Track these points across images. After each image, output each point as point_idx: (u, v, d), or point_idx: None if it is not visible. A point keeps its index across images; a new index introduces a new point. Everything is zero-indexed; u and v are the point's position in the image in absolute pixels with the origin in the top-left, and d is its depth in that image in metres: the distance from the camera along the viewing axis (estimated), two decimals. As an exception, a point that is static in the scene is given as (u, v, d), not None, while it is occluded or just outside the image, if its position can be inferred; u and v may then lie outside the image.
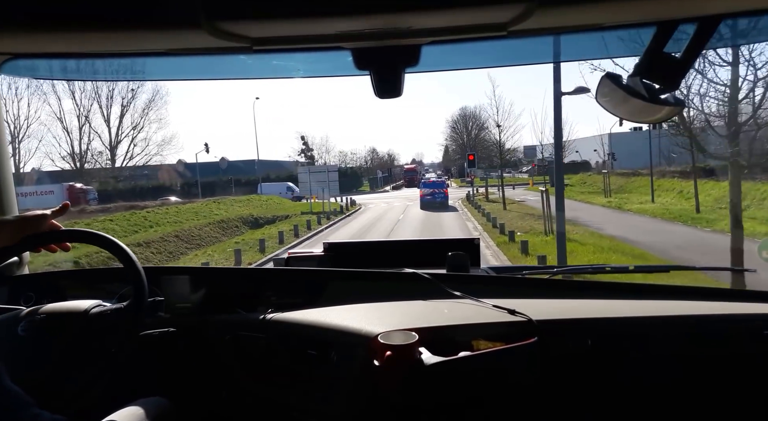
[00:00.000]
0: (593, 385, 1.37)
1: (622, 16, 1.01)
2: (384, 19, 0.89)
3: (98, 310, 1.39)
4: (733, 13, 1.00)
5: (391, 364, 1.21)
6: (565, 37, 1.12)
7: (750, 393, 1.37)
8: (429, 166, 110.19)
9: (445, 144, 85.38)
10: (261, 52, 1.08)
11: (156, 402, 1.41)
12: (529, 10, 0.86)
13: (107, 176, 35.84)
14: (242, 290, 1.77)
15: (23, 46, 1.18)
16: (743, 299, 1.54)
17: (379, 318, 1.42)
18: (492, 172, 42.14)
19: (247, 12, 0.85)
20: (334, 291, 1.72)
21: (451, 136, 79.13)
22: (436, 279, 1.62)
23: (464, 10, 0.87)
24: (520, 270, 1.97)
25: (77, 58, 1.26)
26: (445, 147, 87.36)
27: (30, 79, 25.18)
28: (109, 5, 0.89)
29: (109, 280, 1.84)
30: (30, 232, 1.30)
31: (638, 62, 1.00)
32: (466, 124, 73.37)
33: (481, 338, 1.31)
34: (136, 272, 1.37)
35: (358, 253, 2.15)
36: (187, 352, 1.63)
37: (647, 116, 1.07)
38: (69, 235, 1.37)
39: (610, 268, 1.96)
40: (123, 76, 1.53)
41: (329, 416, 1.42)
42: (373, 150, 79.96)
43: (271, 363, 1.54)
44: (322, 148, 62.00)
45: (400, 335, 1.26)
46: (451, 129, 79.09)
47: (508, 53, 1.26)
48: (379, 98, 1.13)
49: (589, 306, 1.52)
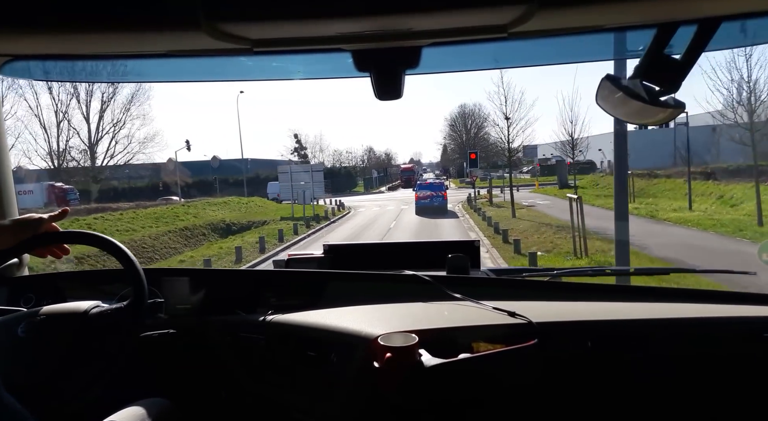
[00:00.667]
0: (593, 387, 1.37)
1: (622, 18, 1.01)
2: (384, 20, 0.89)
3: (98, 311, 1.39)
4: (733, 15, 1.00)
5: (391, 365, 1.21)
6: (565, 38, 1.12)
7: (750, 395, 1.37)
8: (427, 165, 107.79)
9: (444, 143, 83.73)
10: (261, 54, 1.08)
11: (157, 403, 1.41)
12: (530, 12, 0.86)
13: (87, 175, 34.22)
14: (242, 292, 1.76)
15: (23, 48, 1.18)
16: (743, 302, 1.54)
17: (379, 320, 1.42)
18: (493, 172, 40.64)
19: (248, 14, 0.85)
20: (334, 293, 1.72)
21: (450, 134, 77.19)
22: (436, 281, 1.62)
23: (464, 12, 0.87)
24: (520, 272, 1.97)
25: (77, 59, 1.26)
26: (443, 146, 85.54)
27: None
28: (109, 6, 0.89)
29: (109, 281, 1.84)
30: (28, 234, 1.30)
31: (638, 64, 1.00)
32: (465, 123, 71.84)
33: (481, 340, 1.31)
34: (136, 273, 1.37)
35: (358, 254, 2.15)
36: (187, 353, 1.63)
37: (646, 119, 1.06)
38: (68, 236, 1.37)
39: (611, 270, 1.97)
40: (123, 78, 1.53)
41: (329, 417, 1.42)
42: (370, 149, 78.27)
43: (271, 364, 1.54)
44: (315, 147, 60.43)
45: (400, 336, 1.26)
46: (449, 127, 77.25)
47: (509, 55, 1.26)
48: (379, 100, 1.13)
49: (588, 308, 1.52)
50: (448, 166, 78.99)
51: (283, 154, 59.26)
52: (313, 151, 59.51)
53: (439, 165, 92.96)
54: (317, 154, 60.58)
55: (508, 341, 1.30)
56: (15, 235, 1.29)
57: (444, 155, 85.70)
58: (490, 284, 1.77)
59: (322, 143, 71.04)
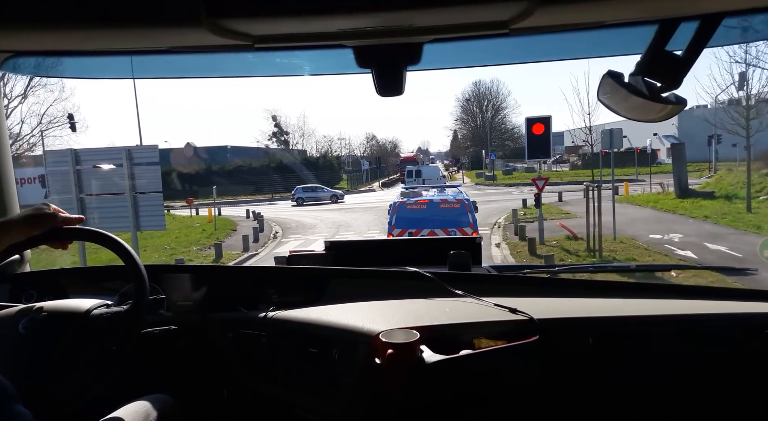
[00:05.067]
0: (594, 383, 1.37)
1: (623, 14, 1.01)
2: (386, 17, 0.89)
3: (100, 312, 1.40)
4: (734, 11, 1.00)
5: (393, 362, 1.21)
6: (566, 34, 1.12)
7: (751, 391, 1.37)
8: (435, 155, 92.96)
9: (454, 129, 72.90)
10: (263, 50, 1.08)
11: (160, 399, 1.41)
12: (531, 8, 0.86)
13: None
14: (243, 288, 1.77)
15: (24, 44, 1.18)
16: (744, 298, 1.54)
17: (381, 316, 1.42)
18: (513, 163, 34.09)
19: (249, 10, 0.85)
20: (336, 289, 1.72)
21: (462, 118, 66.86)
22: (437, 278, 1.62)
23: (466, 8, 0.87)
24: (521, 269, 1.97)
25: (79, 55, 1.26)
26: (453, 132, 74.09)
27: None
28: (110, 3, 0.89)
29: (110, 278, 1.85)
30: (41, 230, 1.31)
31: (640, 60, 1.00)
32: (480, 103, 62.02)
33: (483, 337, 1.31)
34: (138, 270, 1.37)
35: (360, 251, 2.15)
36: (189, 350, 1.64)
37: (648, 115, 1.06)
38: (72, 233, 1.38)
39: (612, 267, 1.97)
40: (124, 75, 1.53)
41: (330, 413, 1.43)
42: (373, 137, 68.25)
43: (272, 361, 1.54)
44: (299, 132, 51.40)
45: (401, 333, 1.26)
46: (461, 109, 66.38)
47: (510, 51, 1.26)
48: (381, 96, 1.13)
49: (590, 305, 1.52)
50: (458, 156, 67.36)
51: (259, 140, 51.02)
52: (295, 137, 50.99)
53: (449, 154, 79.84)
54: (302, 140, 50.92)
55: (510, 337, 1.30)
56: (27, 230, 1.30)
57: (454, 143, 75.01)
58: (492, 280, 1.77)
59: (307, 127, 60.02)
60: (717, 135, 25.03)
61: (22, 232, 1.29)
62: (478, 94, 63.49)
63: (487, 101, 62.59)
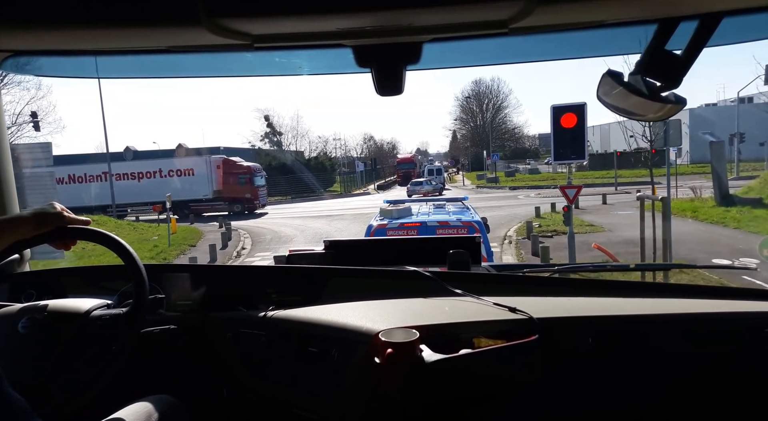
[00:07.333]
0: (594, 382, 1.37)
1: (623, 13, 1.01)
2: (385, 16, 0.89)
3: (99, 314, 1.39)
4: (734, 11, 1.00)
5: (392, 361, 1.21)
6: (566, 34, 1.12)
7: (750, 390, 1.37)
8: (434, 156, 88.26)
9: (453, 129, 71.77)
10: (262, 50, 1.08)
11: (162, 400, 1.41)
12: (530, 8, 0.86)
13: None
14: (243, 288, 1.77)
15: (24, 44, 1.18)
16: (744, 297, 1.54)
17: (380, 315, 1.42)
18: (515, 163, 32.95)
19: (248, 9, 0.85)
20: (335, 288, 1.72)
21: (461, 117, 66.05)
22: (437, 277, 1.62)
23: (465, 8, 0.87)
24: (521, 268, 1.97)
25: (78, 55, 1.26)
26: (452, 132, 73.53)
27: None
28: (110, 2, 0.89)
29: (109, 277, 1.85)
30: (48, 228, 1.32)
31: (639, 60, 1.00)
32: (480, 102, 61.17)
33: (482, 336, 1.31)
34: (137, 269, 1.37)
35: (359, 250, 2.15)
36: (188, 349, 1.64)
37: (647, 114, 1.07)
38: (76, 233, 1.38)
39: (611, 266, 1.97)
40: (123, 74, 1.53)
41: (330, 413, 1.43)
42: (371, 138, 66.08)
43: (271, 361, 1.54)
44: (292, 132, 49.36)
45: (400, 332, 1.26)
46: (460, 109, 65.49)
47: (509, 50, 1.26)
48: (380, 96, 1.13)
49: (589, 304, 1.52)
50: (458, 156, 66.82)
51: (250, 141, 49.82)
52: (288, 138, 48.67)
53: (448, 155, 78.54)
54: (294, 141, 48.44)
55: (509, 336, 1.30)
56: (35, 227, 1.30)
57: (453, 143, 74.44)
58: (491, 280, 1.77)
59: (301, 128, 57.59)
60: (740, 133, 23.01)
61: (30, 229, 1.29)
62: (478, 93, 62.93)
63: (488, 100, 62.12)
